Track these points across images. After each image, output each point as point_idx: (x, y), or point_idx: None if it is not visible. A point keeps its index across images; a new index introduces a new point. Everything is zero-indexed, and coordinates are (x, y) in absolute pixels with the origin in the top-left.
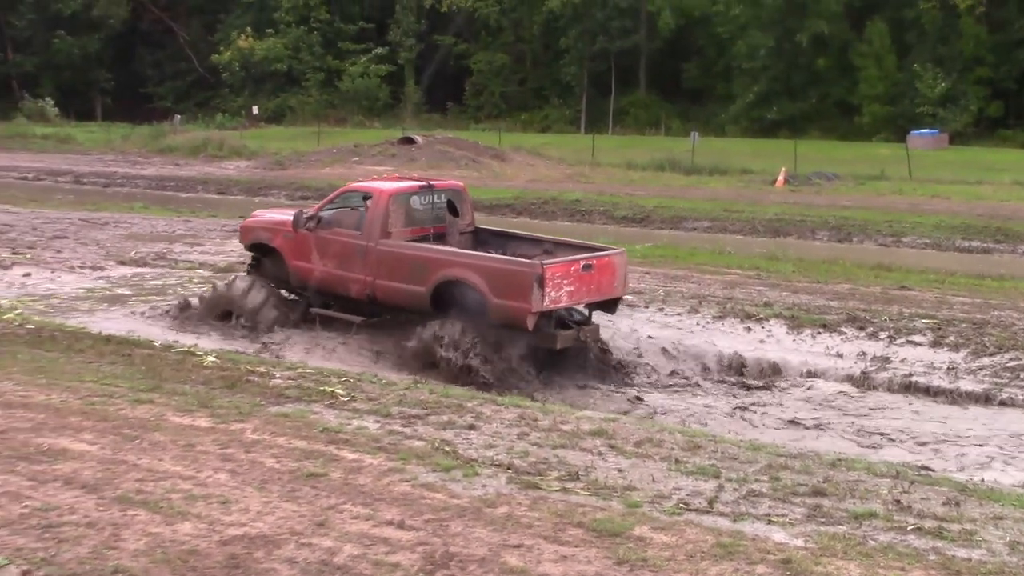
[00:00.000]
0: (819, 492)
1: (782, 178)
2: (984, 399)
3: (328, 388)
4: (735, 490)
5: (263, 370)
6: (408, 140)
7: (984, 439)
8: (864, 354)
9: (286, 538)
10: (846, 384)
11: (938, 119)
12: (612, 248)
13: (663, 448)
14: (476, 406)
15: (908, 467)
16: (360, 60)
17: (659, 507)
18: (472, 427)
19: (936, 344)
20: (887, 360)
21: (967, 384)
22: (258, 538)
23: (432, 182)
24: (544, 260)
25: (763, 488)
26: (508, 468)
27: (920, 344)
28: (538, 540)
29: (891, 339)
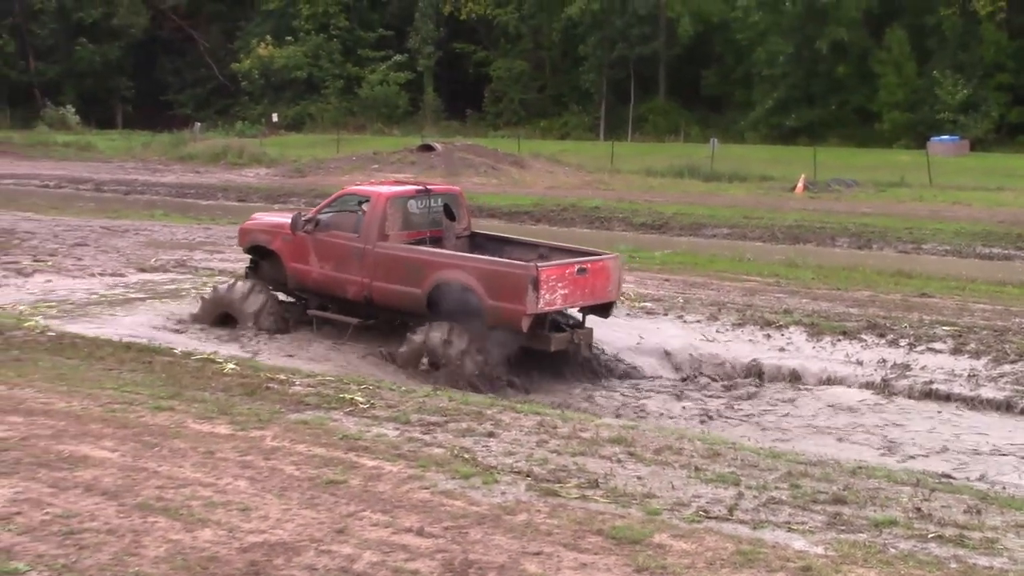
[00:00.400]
0: (839, 500)
1: (801, 185)
2: (1005, 406)
3: (348, 395)
4: (755, 497)
5: (283, 377)
6: (427, 147)
7: (1005, 447)
8: (884, 361)
9: (306, 545)
10: (867, 391)
11: (958, 125)
12: (606, 253)
13: (682, 455)
14: (495, 413)
15: (928, 475)
16: (379, 67)
17: (679, 514)
18: (491, 434)
19: (957, 351)
20: (907, 367)
21: (988, 391)
22: (278, 545)
23: (429, 186)
24: (539, 263)
25: (783, 495)
26: (527, 475)
27: (941, 351)
28: (557, 547)
29: (911, 346)
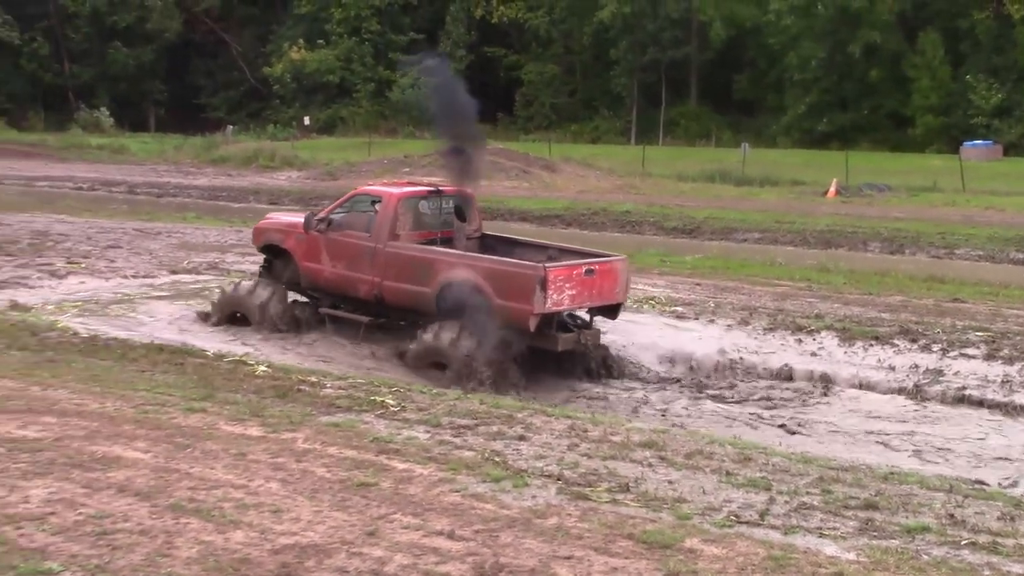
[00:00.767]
0: (871, 505)
1: (833, 189)
2: None
3: (378, 398)
4: (786, 503)
5: (314, 380)
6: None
7: None
8: (917, 367)
9: (337, 547)
10: (899, 397)
11: (992, 130)
12: (614, 255)
13: (713, 460)
14: (526, 417)
15: (961, 481)
16: (411, 71)
17: (710, 519)
18: (522, 438)
19: (990, 357)
20: (940, 373)
21: (1021, 397)
22: (309, 547)
23: (440, 187)
24: (547, 264)
25: (815, 501)
26: (558, 479)
27: (974, 357)
28: (588, 551)
29: (944, 352)
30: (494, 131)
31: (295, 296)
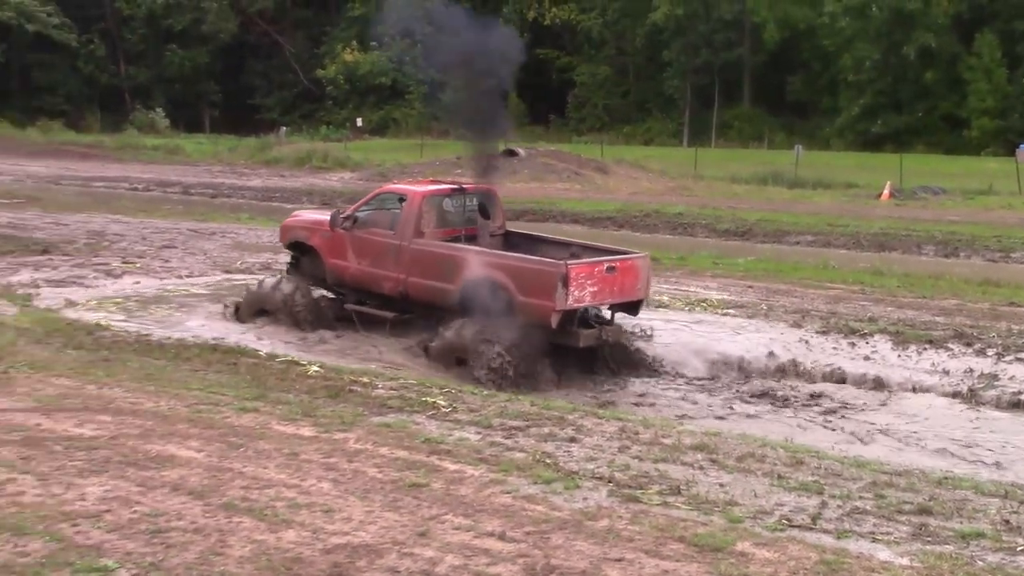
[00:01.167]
0: (925, 510)
1: (887, 192)
2: None
3: (430, 399)
4: (839, 507)
5: (366, 380)
6: (510, 152)
7: None
8: (971, 371)
9: (388, 548)
10: (953, 401)
11: None
12: (636, 252)
13: (765, 463)
14: (577, 419)
15: (1017, 487)
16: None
17: (761, 523)
18: (573, 439)
19: None
20: (995, 377)
21: None
22: (361, 547)
23: (464, 185)
24: (569, 261)
25: (867, 505)
26: (609, 481)
27: None
28: (639, 554)
29: (999, 356)
30: (546, 133)
31: (323, 292)
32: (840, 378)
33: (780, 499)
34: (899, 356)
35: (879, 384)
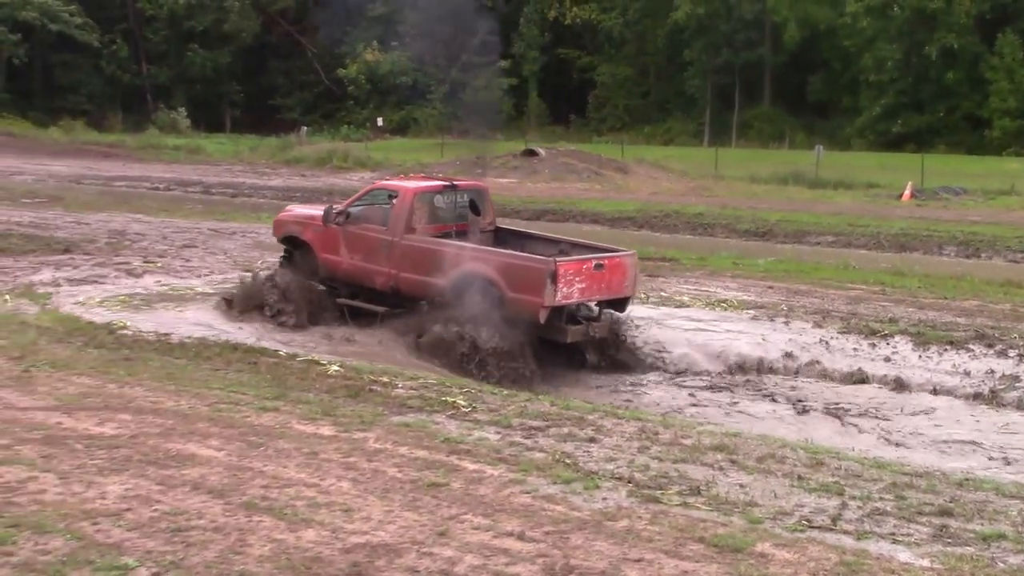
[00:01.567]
0: (946, 512)
1: (908, 192)
2: None
3: (449, 399)
4: (859, 508)
5: (386, 380)
6: (531, 152)
7: None
8: (992, 372)
9: (407, 547)
10: (974, 402)
11: None
12: (624, 250)
13: (785, 464)
14: (597, 419)
15: None
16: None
17: (781, 523)
18: (593, 440)
19: None
20: (1017, 379)
21: None
22: (380, 546)
23: (456, 182)
24: (558, 258)
25: (888, 507)
26: (629, 481)
27: None
28: (659, 554)
29: (1021, 357)
30: (567, 133)
31: (318, 287)
32: (860, 379)
33: (800, 500)
34: (920, 357)
35: (900, 385)
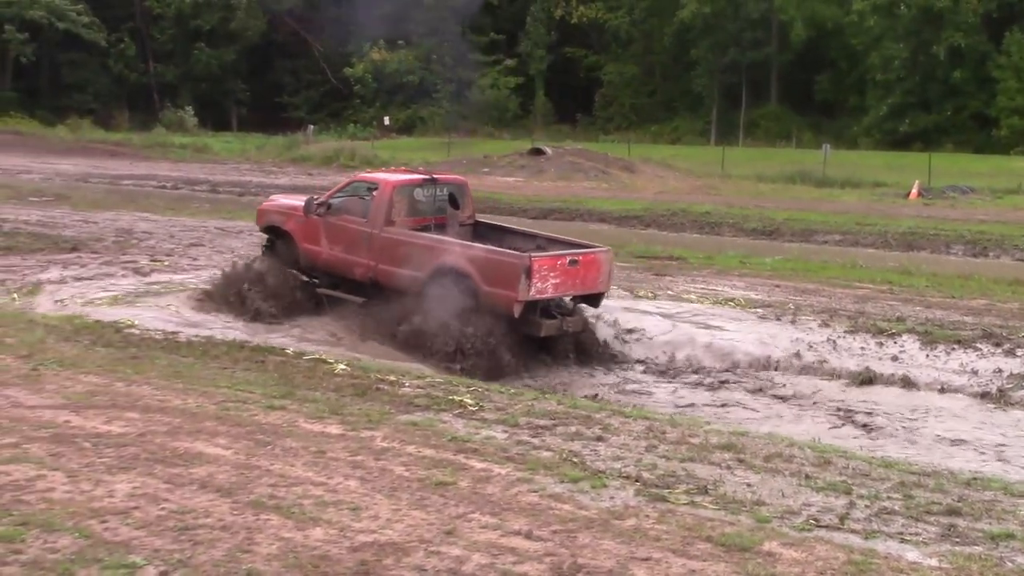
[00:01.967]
0: (954, 511)
1: (916, 191)
2: None
3: (457, 397)
4: (867, 507)
5: (393, 378)
6: (537, 151)
7: None
8: (1000, 371)
9: (415, 546)
10: (982, 401)
11: None
12: (599, 246)
13: (793, 463)
14: (604, 418)
15: None
16: (490, 71)
17: (789, 523)
18: (600, 439)
19: None
20: None
21: None
22: (388, 545)
23: (435, 176)
24: (532, 253)
25: (895, 506)
26: (636, 480)
27: None
28: (666, 553)
29: None
30: (573, 131)
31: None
32: (868, 378)
33: (808, 499)
34: (927, 356)
35: (907, 384)
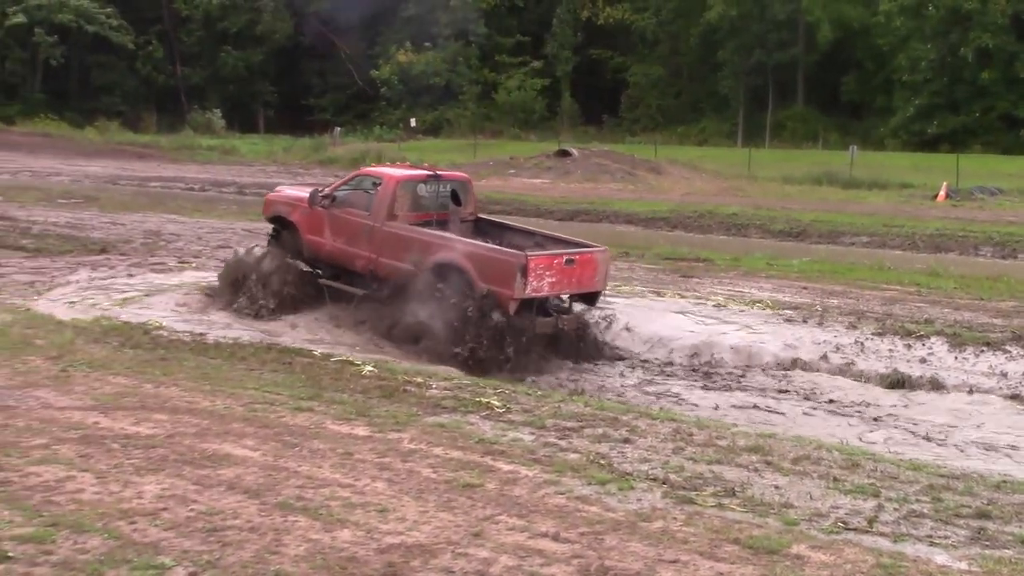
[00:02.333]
0: (983, 514)
1: (943, 193)
2: None
3: (484, 399)
4: (895, 510)
5: (420, 380)
6: (564, 153)
7: None
8: None
9: (442, 548)
10: (1011, 403)
11: None
12: (596, 245)
13: (821, 465)
14: (631, 420)
15: None
16: (516, 73)
17: (817, 525)
18: (627, 441)
19: None
20: None
21: None
22: (415, 547)
23: (439, 172)
24: (529, 252)
25: (924, 509)
26: (663, 483)
27: None
28: (694, 556)
29: None
30: (599, 133)
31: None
32: (896, 380)
33: (836, 502)
34: (956, 358)
35: (936, 386)
